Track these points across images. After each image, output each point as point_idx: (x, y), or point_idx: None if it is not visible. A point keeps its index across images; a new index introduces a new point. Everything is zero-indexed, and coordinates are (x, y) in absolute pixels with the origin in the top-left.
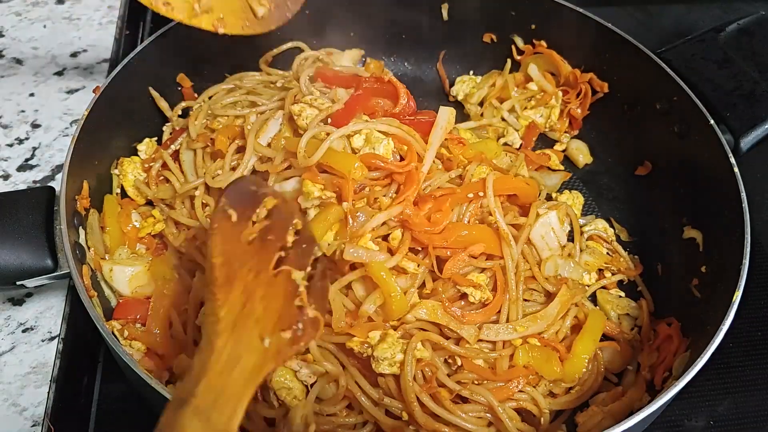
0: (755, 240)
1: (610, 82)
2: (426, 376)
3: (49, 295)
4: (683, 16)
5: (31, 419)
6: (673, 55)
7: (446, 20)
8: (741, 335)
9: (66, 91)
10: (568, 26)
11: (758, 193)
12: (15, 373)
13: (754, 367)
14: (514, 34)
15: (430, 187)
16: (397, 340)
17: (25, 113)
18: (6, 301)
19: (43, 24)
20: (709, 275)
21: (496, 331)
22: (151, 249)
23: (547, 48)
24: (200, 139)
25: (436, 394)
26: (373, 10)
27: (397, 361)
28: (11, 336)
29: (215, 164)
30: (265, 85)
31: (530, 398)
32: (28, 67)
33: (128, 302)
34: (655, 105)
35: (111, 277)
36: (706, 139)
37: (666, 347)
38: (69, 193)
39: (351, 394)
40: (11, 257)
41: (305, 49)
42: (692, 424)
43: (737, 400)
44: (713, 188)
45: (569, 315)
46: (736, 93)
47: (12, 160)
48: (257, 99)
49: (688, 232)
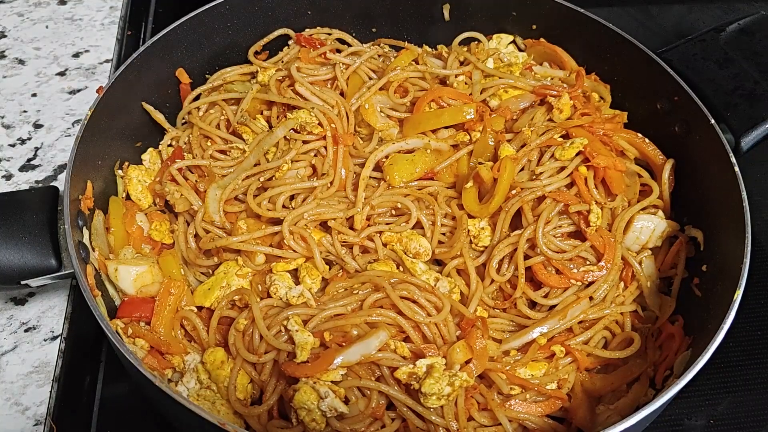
0: (755, 240)
1: (610, 83)
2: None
3: (51, 295)
4: (684, 16)
5: (33, 418)
6: (673, 55)
7: (448, 20)
8: (741, 335)
9: (68, 91)
10: (568, 26)
11: (758, 193)
12: (17, 372)
13: (754, 367)
14: (515, 35)
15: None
16: (443, 373)
17: (28, 113)
18: (8, 300)
19: (45, 24)
20: (709, 274)
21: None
22: (156, 249)
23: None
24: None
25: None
26: (376, 11)
27: (445, 394)
28: (14, 335)
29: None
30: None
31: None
32: (31, 68)
33: (133, 301)
34: (655, 105)
35: (116, 276)
36: (706, 139)
37: (668, 345)
38: (72, 193)
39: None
40: (15, 257)
41: (292, 36)
42: (692, 423)
43: (737, 399)
44: (714, 188)
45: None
46: (736, 93)
47: (14, 160)
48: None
49: (688, 232)
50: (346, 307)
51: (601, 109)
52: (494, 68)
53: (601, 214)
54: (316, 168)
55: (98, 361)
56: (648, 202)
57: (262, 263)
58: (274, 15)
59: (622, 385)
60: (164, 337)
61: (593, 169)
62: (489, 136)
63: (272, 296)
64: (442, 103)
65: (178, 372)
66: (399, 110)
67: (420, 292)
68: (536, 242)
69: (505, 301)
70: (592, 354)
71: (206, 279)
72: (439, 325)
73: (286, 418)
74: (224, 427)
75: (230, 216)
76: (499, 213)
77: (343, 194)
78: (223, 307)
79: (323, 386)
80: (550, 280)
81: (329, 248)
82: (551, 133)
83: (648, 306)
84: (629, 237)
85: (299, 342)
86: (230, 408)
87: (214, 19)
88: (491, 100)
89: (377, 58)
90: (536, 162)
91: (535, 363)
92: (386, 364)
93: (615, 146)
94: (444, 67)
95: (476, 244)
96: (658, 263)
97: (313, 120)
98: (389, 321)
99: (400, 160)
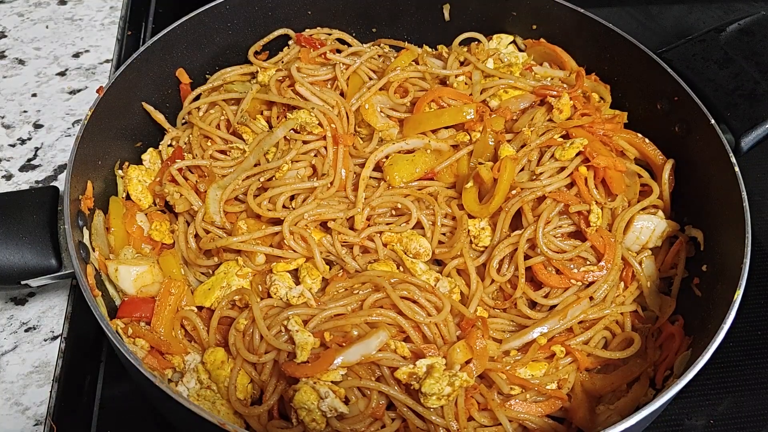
0: (755, 240)
1: (611, 83)
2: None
3: (51, 295)
4: (684, 16)
5: (33, 418)
6: (673, 55)
7: (448, 20)
8: (741, 335)
9: (68, 91)
10: (568, 26)
11: (758, 193)
12: (17, 372)
13: (754, 367)
14: (515, 35)
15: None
16: (443, 373)
17: (28, 113)
18: (8, 300)
19: (45, 24)
20: (709, 274)
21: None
22: (156, 249)
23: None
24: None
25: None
26: (376, 11)
27: (445, 394)
28: (14, 335)
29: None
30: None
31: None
32: (31, 68)
33: (133, 301)
34: (655, 105)
35: (116, 276)
36: (706, 139)
37: (668, 345)
38: (73, 193)
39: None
40: (15, 257)
41: (292, 36)
42: (692, 423)
43: (737, 399)
44: (714, 188)
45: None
46: (736, 93)
47: (14, 160)
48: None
49: (688, 232)
50: (346, 307)
51: (601, 109)
52: (494, 68)
53: (601, 214)
54: (316, 168)
55: (98, 361)
56: (648, 202)
57: (263, 263)
58: (274, 15)
59: (622, 385)
60: (164, 337)
61: (593, 170)
62: (489, 137)
63: (272, 296)
64: (442, 104)
65: (178, 372)
66: (399, 110)
67: (420, 292)
68: (536, 242)
69: (505, 301)
70: (592, 354)
71: (206, 279)
72: (439, 325)
73: (286, 418)
74: (224, 427)
75: (230, 216)
76: (500, 213)
77: (343, 194)
78: (224, 307)
79: (323, 386)
80: (550, 280)
81: (329, 248)
82: (551, 134)
83: (648, 306)
84: (629, 237)
85: (299, 342)
86: (230, 408)
87: (214, 19)
88: (491, 101)
89: (377, 59)
90: (536, 162)
91: (535, 363)
92: (386, 364)
93: (615, 146)
94: (444, 67)
95: (476, 244)
96: (658, 263)
97: (313, 120)
98: (389, 321)
99: (400, 161)
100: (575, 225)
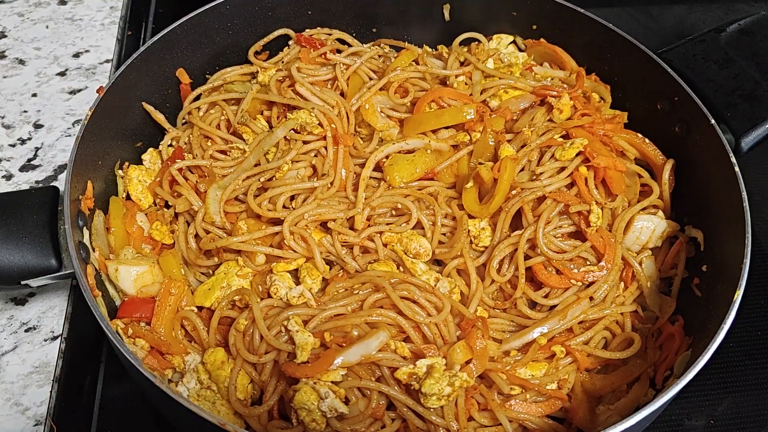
0: (755, 240)
1: (610, 83)
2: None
3: (51, 295)
4: (684, 16)
5: (33, 419)
6: (673, 55)
7: (448, 20)
8: (741, 335)
9: (68, 91)
10: (568, 27)
11: (758, 193)
12: (18, 372)
13: (754, 367)
14: (515, 35)
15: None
16: (443, 373)
17: (28, 113)
18: (9, 300)
19: (45, 24)
20: (709, 275)
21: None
22: (156, 249)
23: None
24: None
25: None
26: (376, 11)
27: (445, 395)
28: (14, 336)
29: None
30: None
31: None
32: (31, 68)
33: (133, 301)
34: (655, 105)
35: (116, 276)
36: (706, 139)
37: (668, 345)
38: (73, 193)
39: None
40: (15, 257)
41: (293, 36)
42: (692, 423)
43: (737, 399)
44: (714, 188)
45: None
46: (736, 93)
47: (14, 160)
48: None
49: (688, 232)
50: (346, 308)
51: (601, 109)
52: (494, 69)
53: (601, 215)
54: (316, 168)
55: (98, 361)
56: (648, 202)
57: (263, 263)
58: (274, 15)
59: (622, 386)
60: (164, 337)
61: (593, 170)
62: (489, 137)
63: (272, 296)
64: (443, 104)
65: (178, 372)
66: (399, 110)
67: (420, 292)
68: (536, 242)
69: (505, 302)
70: (592, 354)
71: (206, 279)
72: (439, 326)
73: (286, 418)
74: (224, 427)
75: (230, 216)
76: (500, 213)
77: (344, 194)
78: (224, 308)
79: (323, 386)
80: (550, 280)
81: (329, 248)
82: (551, 134)
83: (648, 306)
84: (629, 237)
85: (299, 342)
86: (230, 408)
87: (214, 19)
88: (491, 101)
89: (377, 59)
90: (536, 162)
91: (535, 363)
92: (386, 365)
93: (615, 146)
94: (444, 67)
95: (476, 244)
96: (658, 263)
97: (313, 120)
98: (389, 321)
99: (400, 161)
100: (575, 225)
